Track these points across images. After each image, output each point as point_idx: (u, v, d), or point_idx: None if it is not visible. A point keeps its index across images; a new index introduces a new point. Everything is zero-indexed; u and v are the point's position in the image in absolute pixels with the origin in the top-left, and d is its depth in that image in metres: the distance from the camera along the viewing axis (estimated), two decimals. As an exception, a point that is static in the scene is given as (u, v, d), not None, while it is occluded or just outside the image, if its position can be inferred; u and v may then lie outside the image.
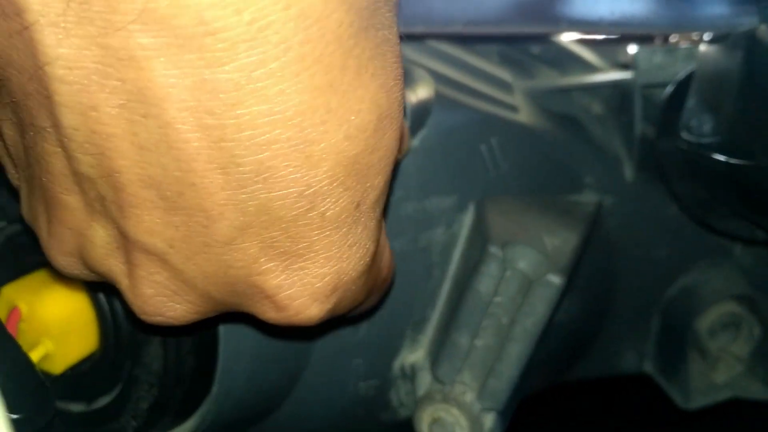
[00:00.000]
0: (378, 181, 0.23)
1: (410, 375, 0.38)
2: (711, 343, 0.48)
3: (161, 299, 0.24)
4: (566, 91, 0.44)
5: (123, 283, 0.24)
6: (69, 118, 0.20)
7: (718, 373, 0.49)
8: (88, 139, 0.21)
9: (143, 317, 0.25)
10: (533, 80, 0.43)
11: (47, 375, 0.31)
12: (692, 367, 0.48)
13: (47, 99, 0.20)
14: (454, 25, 0.31)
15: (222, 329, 0.31)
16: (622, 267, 0.45)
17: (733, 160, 0.33)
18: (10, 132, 0.23)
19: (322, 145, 0.21)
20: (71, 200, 0.23)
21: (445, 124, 0.38)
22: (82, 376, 0.32)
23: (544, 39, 0.42)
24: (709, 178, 0.37)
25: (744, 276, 0.47)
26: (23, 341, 0.30)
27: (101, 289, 0.31)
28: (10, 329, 0.30)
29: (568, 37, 0.43)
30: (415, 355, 0.38)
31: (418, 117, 0.36)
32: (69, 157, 0.21)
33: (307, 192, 0.22)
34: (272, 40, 0.19)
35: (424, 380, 0.37)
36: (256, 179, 0.21)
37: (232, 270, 0.23)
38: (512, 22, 0.34)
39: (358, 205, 0.23)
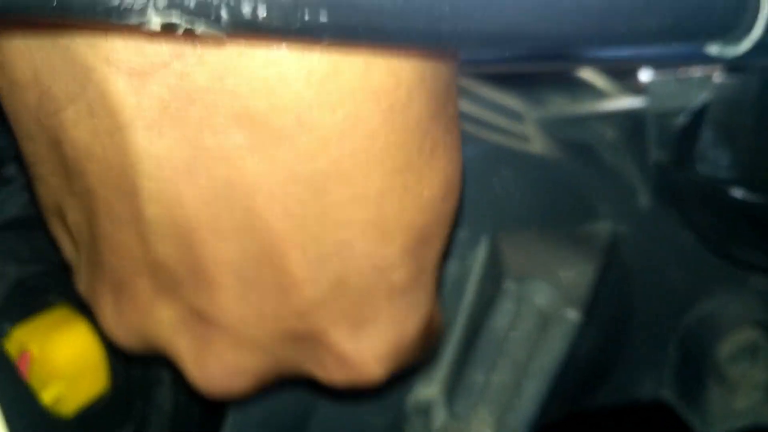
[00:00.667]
0: (441, 245, 0.24)
1: (424, 410, 0.37)
2: (730, 370, 0.47)
3: (228, 377, 0.24)
4: (578, 119, 0.43)
5: (187, 360, 0.24)
6: (152, 211, 0.21)
7: (737, 400, 0.48)
8: (169, 230, 0.21)
9: (207, 391, 0.25)
10: (545, 109, 0.43)
11: (59, 417, 0.30)
12: (711, 393, 0.48)
13: (131, 193, 0.21)
14: (466, 63, 0.31)
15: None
16: (638, 295, 0.45)
17: (749, 197, 0.33)
18: (75, 217, 0.24)
19: (397, 220, 0.22)
20: (142, 282, 0.23)
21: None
22: (94, 417, 0.32)
23: (558, 74, 0.42)
24: (726, 211, 0.37)
25: (762, 302, 0.47)
26: (34, 383, 0.30)
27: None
28: (21, 371, 0.30)
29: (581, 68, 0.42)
30: (429, 390, 0.37)
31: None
32: (147, 246, 0.22)
33: (380, 264, 0.22)
34: (362, 133, 0.20)
35: (439, 416, 0.37)
36: (333, 256, 0.22)
37: (304, 338, 0.24)
38: (525, 60, 0.34)
39: (422, 271, 0.24)
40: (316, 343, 0.24)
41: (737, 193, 0.34)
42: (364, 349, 0.24)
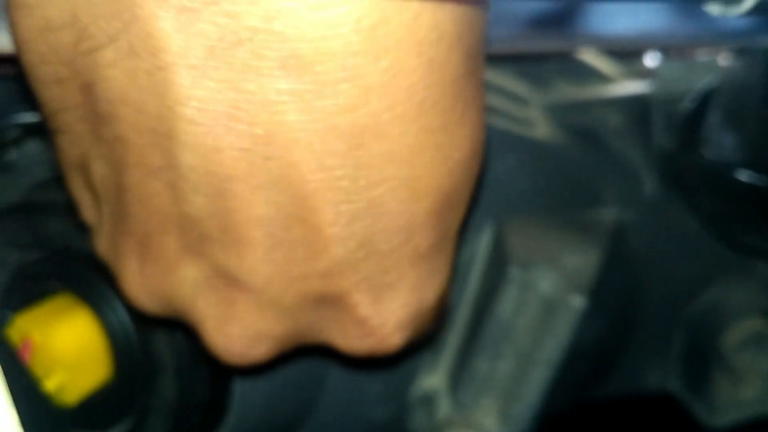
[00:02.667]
0: (463, 212, 0.24)
1: (428, 398, 0.37)
2: (736, 360, 0.47)
3: (249, 340, 0.24)
4: (583, 104, 0.43)
5: (209, 323, 0.24)
6: (189, 159, 0.21)
7: (743, 390, 0.47)
8: (203, 180, 0.21)
9: (227, 359, 0.25)
10: (550, 94, 0.43)
11: (62, 406, 0.30)
12: (717, 383, 0.47)
13: (168, 138, 0.20)
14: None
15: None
16: (643, 283, 0.45)
17: (756, 180, 0.32)
18: (101, 169, 0.23)
19: (427, 180, 0.22)
20: (169, 239, 0.23)
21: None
22: (97, 405, 0.32)
23: (562, 55, 0.42)
24: (732, 195, 0.36)
25: (769, 291, 0.46)
26: (37, 371, 0.30)
27: (115, 316, 0.31)
28: (24, 360, 0.29)
29: (586, 50, 0.42)
30: (433, 378, 0.37)
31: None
32: (178, 198, 0.22)
33: (407, 225, 0.23)
34: (402, 86, 0.20)
35: (443, 404, 0.36)
36: (364, 214, 0.22)
37: (325, 298, 0.23)
38: (529, 39, 0.34)
39: (445, 236, 0.24)
40: (338, 307, 0.24)
41: (743, 175, 0.33)
42: (385, 314, 0.24)
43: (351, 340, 0.25)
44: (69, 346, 0.30)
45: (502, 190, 0.38)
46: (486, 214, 0.37)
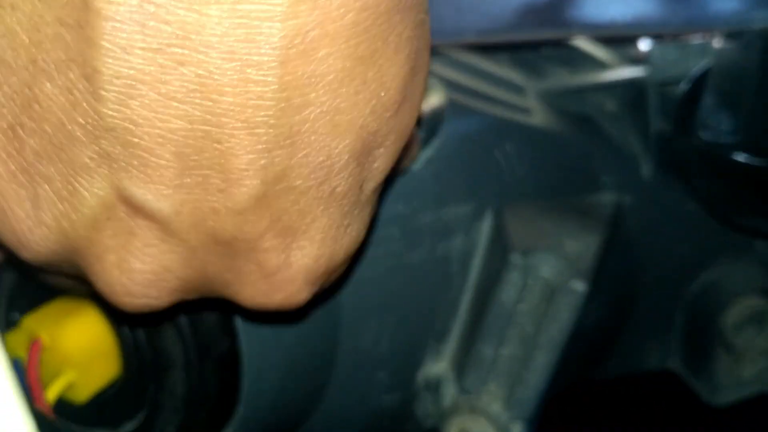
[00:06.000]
0: (384, 166, 0.23)
1: (434, 386, 0.37)
2: (736, 338, 0.47)
3: (151, 277, 0.22)
4: (579, 90, 0.43)
5: (107, 259, 0.22)
6: (94, 57, 0.19)
7: (744, 368, 0.48)
8: (109, 82, 0.19)
9: (125, 299, 0.23)
10: (545, 81, 0.43)
11: (72, 404, 0.31)
12: (718, 362, 0.48)
13: (74, 31, 0.19)
14: (465, 35, 0.31)
15: (245, 348, 0.31)
16: (643, 265, 0.45)
17: (752, 161, 0.33)
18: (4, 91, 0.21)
19: (350, 116, 0.21)
20: (64, 156, 0.21)
21: (458, 131, 0.37)
22: (106, 403, 0.32)
23: (556, 43, 0.42)
24: (729, 176, 0.37)
25: (767, 270, 0.47)
26: (46, 372, 0.30)
27: (121, 312, 0.31)
28: (33, 360, 0.30)
29: (579, 37, 0.42)
30: (438, 365, 0.37)
31: (431, 126, 0.36)
32: (76, 102, 0.20)
33: (325, 162, 0.21)
34: (337, 3, 0.19)
35: (449, 391, 0.37)
36: (282, 143, 0.20)
37: (237, 242, 0.22)
38: (523, 28, 0.34)
39: (362, 186, 0.23)
40: (249, 253, 0.22)
41: (740, 157, 0.34)
42: (295, 266, 0.23)
43: (257, 295, 0.23)
44: (78, 345, 0.30)
45: (501, 177, 0.38)
46: (486, 201, 0.38)
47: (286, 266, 0.23)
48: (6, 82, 0.20)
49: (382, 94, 0.21)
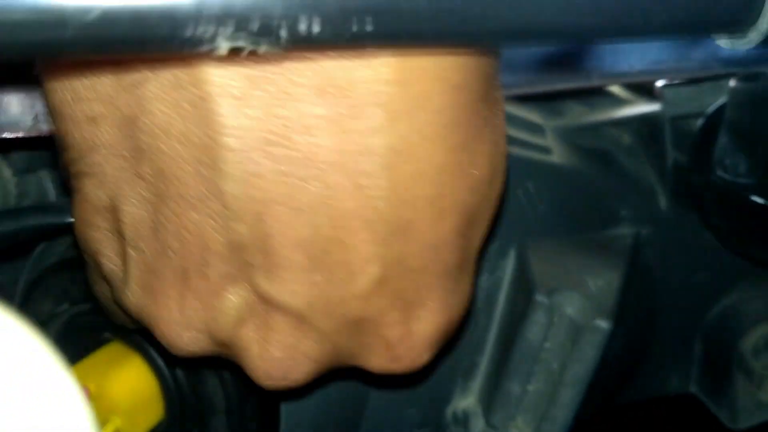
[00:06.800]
0: (485, 230, 0.26)
1: (463, 421, 0.38)
2: (755, 363, 0.48)
3: (289, 362, 0.25)
4: (596, 126, 0.44)
5: (252, 350, 0.25)
6: (231, 186, 0.21)
7: (763, 392, 0.49)
8: (245, 206, 0.22)
9: (268, 383, 0.25)
10: (563, 119, 0.44)
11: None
12: (738, 387, 0.49)
13: (210, 168, 0.21)
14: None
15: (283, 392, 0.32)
16: (662, 294, 0.46)
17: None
18: (134, 209, 0.24)
19: (452, 198, 0.23)
20: (210, 271, 0.23)
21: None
22: (151, 447, 0.33)
23: (578, 93, 0.43)
24: (745, 215, 0.38)
25: (784, 295, 0.47)
26: (94, 419, 0.31)
27: (164, 361, 0.32)
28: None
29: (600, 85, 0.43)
30: (466, 401, 0.38)
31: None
32: (220, 227, 0.22)
33: (436, 242, 0.24)
34: (429, 110, 0.22)
35: (477, 426, 0.38)
36: (397, 233, 0.23)
37: (362, 322, 0.24)
38: (545, 79, 0.35)
39: (469, 254, 0.25)
40: (374, 329, 0.25)
41: (757, 198, 0.34)
42: (416, 334, 0.25)
43: (382, 362, 0.26)
44: (124, 393, 0.31)
45: (523, 215, 0.39)
46: (509, 239, 0.39)
47: (408, 336, 0.25)
48: (164, 213, 0.23)
49: (476, 172, 0.24)
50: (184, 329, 0.25)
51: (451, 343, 0.30)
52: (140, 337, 0.32)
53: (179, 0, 0.17)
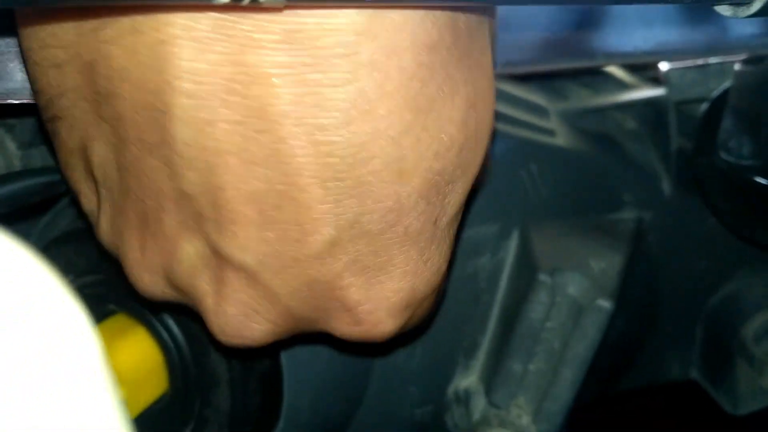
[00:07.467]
0: (456, 199, 0.25)
1: (464, 399, 0.39)
2: (757, 349, 0.48)
3: (243, 319, 0.25)
4: (601, 110, 0.44)
5: (206, 302, 0.25)
6: (183, 133, 0.21)
7: (764, 378, 0.49)
8: (197, 154, 0.21)
9: (222, 338, 0.25)
10: (568, 102, 0.44)
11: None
12: (739, 373, 0.49)
13: (164, 114, 0.21)
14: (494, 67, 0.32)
15: (285, 365, 0.32)
16: (664, 279, 0.46)
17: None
18: (101, 150, 0.24)
19: (414, 161, 0.22)
20: (166, 216, 0.23)
21: (485, 153, 0.39)
22: (154, 419, 0.33)
23: (582, 72, 0.43)
24: (749, 197, 0.38)
25: (786, 282, 0.48)
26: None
27: (168, 333, 0.32)
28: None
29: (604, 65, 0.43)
30: (468, 380, 0.39)
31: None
32: (173, 174, 0.22)
33: (395, 206, 0.23)
34: (394, 65, 0.21)
35: (479, 404, 0.38)
36: (352, 193, 0.22)
37: (317, 284, 0.24)
38: (550, 59, 0.35)
39: (435, 222, 0.24)
40: (330, 293, 0.24)
41: (761, 179, 0.35)
42: (375, 299, 0.24)
43: (344, 327, 0.25)
44: (127, 365, 0.32)
45: (526, 197, 0.40)
46: (512, 220, 0.39)
47: (367, 300, 0.24)
48: (125, 156, 0.23)
49: (443, 137, 0.23)
50: (144, 271, 0.25)
51: (426, 322, 0.29)
52: (145, 309, 0.32)
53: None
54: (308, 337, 0.28)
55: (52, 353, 0.13)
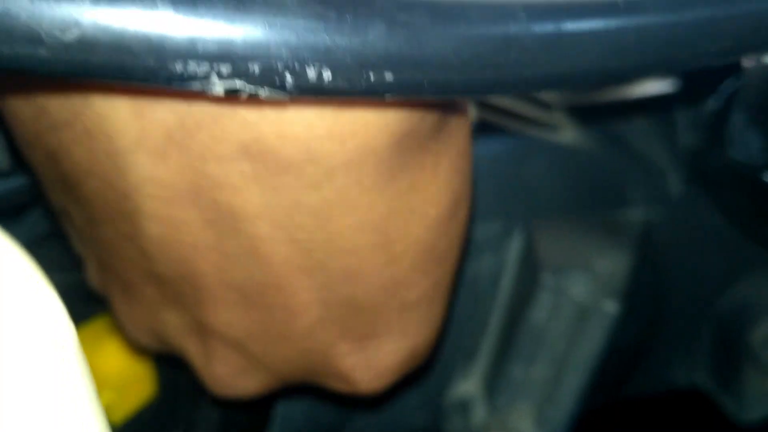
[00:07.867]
0: (454, 259, 0.24)
1: (464, 404, 0.37)
2: (765, 355, 0.47)
3: (234, 377, 0.24)
4: (607, 106, 0.43)
5: (196, 361, 0.24)
6: (153, 230, 0.20)
7: (773, 384, 0.48)
8: (171, 247, 0.21)
9: (215, 392, 0.25)
10: (573, 97, 0.43)
11: (109, 424, 0.31)
12: (746, 378, 0.48)
13: (132, 212, 0.20)
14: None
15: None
16: (671, 280, 0.45)
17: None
18: (78, 219, 0.23)
19: (405, 242, 0.21)
20: (148, 289, 0.23)
21: (487, 150, 0.37)
22: (142, 423, 0.32)
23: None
24: (758, 195, 0.37)
25: (796, 285, 0.46)
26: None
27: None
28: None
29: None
30: (468, 384, 0.37)
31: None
32: (148, 261, 0.21)
33: (389, 284, 0.22)
34: (370, 162, 0.20)
35: (479, 409, 0.37)
36: (339, 280, 0.21)
37: (309, 353, 0.23)
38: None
39: (436, 287, 0.23)
40: (323, 359, 0.24)
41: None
42: (371, 362, 0.24)
43: (338, 385, 0.25)
44: (114, 367, 0.31)
45: (530, 194, 0.38)
46: (515, 218, 0.38)
47: (364, 364, 0.24)
48: (100, 234, 0.22)
49: (432, 211, 0.22)
50: (134, 328, 0.25)
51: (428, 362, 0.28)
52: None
53: (172, 30, 0.15)
54: None
55: (26, 347, 0.13)
